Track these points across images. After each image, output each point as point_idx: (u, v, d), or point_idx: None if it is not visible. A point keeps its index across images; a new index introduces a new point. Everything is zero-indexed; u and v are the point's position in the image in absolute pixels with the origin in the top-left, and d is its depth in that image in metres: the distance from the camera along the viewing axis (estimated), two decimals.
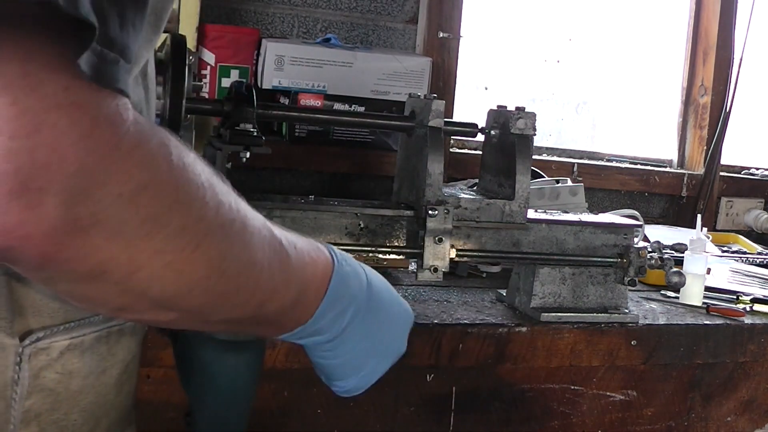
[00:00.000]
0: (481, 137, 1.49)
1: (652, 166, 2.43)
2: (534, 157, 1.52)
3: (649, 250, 1.47)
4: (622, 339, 1.46)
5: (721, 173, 2.43)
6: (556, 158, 2.32)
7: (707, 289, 1.67)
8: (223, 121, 1.30)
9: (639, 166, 2.40)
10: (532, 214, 1.44)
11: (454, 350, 1.35)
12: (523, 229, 1.42)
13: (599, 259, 1.47)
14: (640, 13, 2.47)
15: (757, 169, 2.55)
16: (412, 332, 0.80)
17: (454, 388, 1.40)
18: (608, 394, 1.49)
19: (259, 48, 1.85)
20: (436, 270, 1.33)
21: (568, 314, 1.44)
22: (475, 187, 1.53)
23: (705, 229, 1.74)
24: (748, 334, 1.56)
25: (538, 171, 1.95)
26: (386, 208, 1.37)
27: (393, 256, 1.39)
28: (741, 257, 2.04)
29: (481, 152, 1.52)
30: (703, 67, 2.45)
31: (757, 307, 1.65)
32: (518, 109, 1.41)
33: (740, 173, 2.54)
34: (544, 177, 1.95)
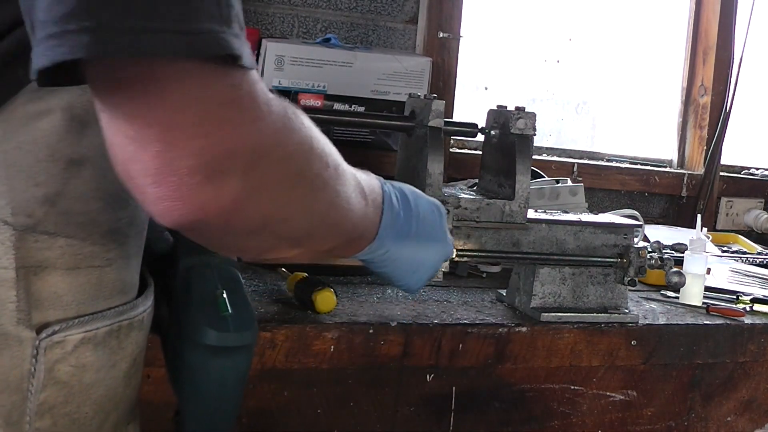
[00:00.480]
0: (481, 137, 1.49)
1: (652, 166, 2.43)
2: (534, 157, 1.52)
3: (649, 250, 1.47)
4: (622, 339, 1.46)
5: (721, 173, 2.43)
6: (556, 158, 2.32)
7: (707, 289, 1.67)
8: None
9: (639, 166, 2.40)
10: (532, 214, 1.44)
11: (454, 350, 1.35)
12: (523, 229, 1.42)
13: (599, 259, 1.47)
14: (640, 13, 2.47)
15: (757, 169, 2.55)
16: (413, 332, 0.81)
17: (454, 388, 1.40)
18: (608, 394, 1.49)
19: (259, 48, 1.85)
20: None
21: (568, 314, 1.44)
22: (475, 187, 1.53)
23: (705, 229, 1.74)
24: (748, 334, 1.56)
25: (538, 171, 1.95)
26: None
27: None
28: (741, 257, 2.04)
29: (481, 152, 1.52)
30: (703, 67, 2.45)
31: (757, 307, 1.65)
32: (518, 109, 1.41)
33: (740, 173, 2.54)
34: (544, 177, 1.95)
